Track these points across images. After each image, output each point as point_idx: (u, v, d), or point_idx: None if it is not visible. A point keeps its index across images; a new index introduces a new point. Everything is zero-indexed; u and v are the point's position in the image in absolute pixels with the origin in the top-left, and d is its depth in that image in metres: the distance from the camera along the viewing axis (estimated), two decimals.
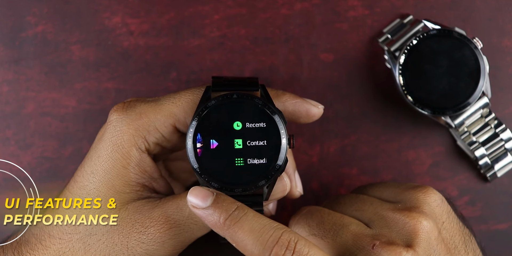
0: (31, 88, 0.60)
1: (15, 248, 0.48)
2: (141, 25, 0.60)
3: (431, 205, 0.47)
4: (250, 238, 0.41)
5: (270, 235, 0.41)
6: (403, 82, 0.56)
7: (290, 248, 0.41)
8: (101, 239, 0.46)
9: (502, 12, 0.59)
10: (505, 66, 0.59)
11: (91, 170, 0.47)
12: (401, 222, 0.45)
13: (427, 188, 0.48)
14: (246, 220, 0.42)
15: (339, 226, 0.46)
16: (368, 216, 0.47)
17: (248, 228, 0.41)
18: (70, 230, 0.47)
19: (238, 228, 0.42)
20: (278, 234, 0.41)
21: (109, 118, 0.47)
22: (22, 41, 0.60)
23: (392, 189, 0.50)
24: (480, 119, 0.57)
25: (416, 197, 0.47)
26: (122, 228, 0.46)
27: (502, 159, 0.58)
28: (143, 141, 0.47)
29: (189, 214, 0.47)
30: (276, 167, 0.45)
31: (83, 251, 0.46)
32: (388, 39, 0.58)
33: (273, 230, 0.41)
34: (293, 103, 0.48)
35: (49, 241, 0.47)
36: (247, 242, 0.41)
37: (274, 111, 0.46)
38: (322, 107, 0.49)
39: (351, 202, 0.49)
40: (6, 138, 0.59)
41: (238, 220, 0.42)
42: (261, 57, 0.59)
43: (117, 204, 0.47)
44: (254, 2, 0.60)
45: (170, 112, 0.47)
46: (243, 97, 0.46)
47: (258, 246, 0.41)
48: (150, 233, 0.46)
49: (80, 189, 0.47)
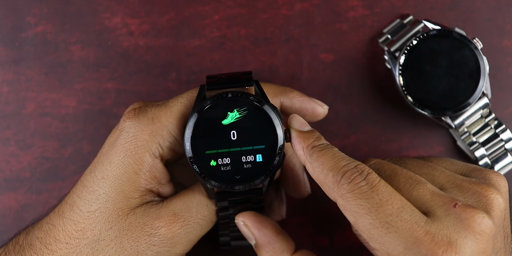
0: (31, 89, 0.60)
1: (18, 252, 0.47)
2: (141, 25, 0.60)
3: (502, 188, 0.46)
4: (330, 163, 0.43)
5: (348, 163, 0.43)
6: (403, 82, 0.56)
7: (363, 175, 0.42)
8: (110, 244, 0.46)
9: (502, 12, 0.59)
10: (505, 66, 0.59)
11: (102, 176, 0.47)
12: (477, 194, 0.44)
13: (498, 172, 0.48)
14: (331, 151, 0.44)
15: (415, 181, 0.44)
16: (441, 182, 0.46)
17: (330, 155, 0.44)
18: (77, 235, 0.46)
19: (322, 154, 0.44)
20: (355, 163, 0.43)
21: (122, 125, 0.47)
22: (22, 41, 0.60)
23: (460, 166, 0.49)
24: (480, 119, 0.57)
25: (490, 177, 0.47)
26: (132, 232, 0.46)
27: (502, 159, 0.58)
28: (157, 146, 0.47)
29: (197, 210, 0.47)
30: (274, 163, 0.46)
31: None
32: (388, 39, 0.58)
33: (351, 160, 0.43)
34: (300, 101, 0.50)
35: (55, 246, 0.46)
36: (325, 166, 0.43)
37: (269, 107, 0.46)
38: (327, 107, 0.51)
39: (419, 165, 0.48)
40: (6, 138, 0.59)
41: (324, 149, 0.44)
42: (261, 58, 0.59)
43: (125, 210, 0.47)
44: (254, 3, 0.60)
45: (181, 114, 0.47)
46: (237, 95, 0.46)
47: (334, 169, 0.43)
48: (161, 234, 0.46)
49: (90, 194, 0.47)
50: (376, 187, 0.41)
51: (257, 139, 0.46)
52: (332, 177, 0.43)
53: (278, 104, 0.50)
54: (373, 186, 0.42)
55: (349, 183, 0.42)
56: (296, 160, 0.52)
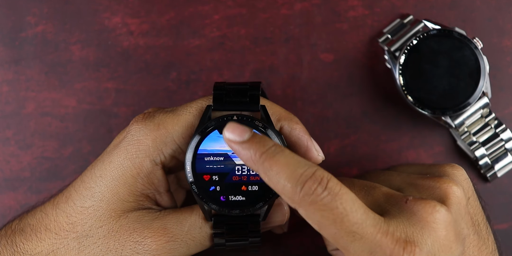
0: (31, 88, 0.60)
1: (9, 236, 0.48)
2: (141, 25, 0.60)
3: (459, 178, 0.47)
4: (285, 172, 0.40)
5: (304, 170, 0.40)
6: (403, 82, 0.56)
7: (323, 184, 0.40)
8: (97, 242, 0.46)
9: (502, 12, 0.59)
10: (505, 66, 0.59)
11: (100, 174, 0.47)
12: (431, 187, 0.45)
13: (453, 164, 0.48)
14: (282, 155, 0.41)
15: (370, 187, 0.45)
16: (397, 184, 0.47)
17: (284, 162, 0.41)
18: (68, 228, 0.47)
19: (274, 161, 0.41)
20: (313, 170, 0.40)
21: (129, 128, 0.47)
22: (22, 41, 0.60)
23: (417, 166, 0.50)
24: (480, 119, 0.57)
25: (444, 169, 0.47)
26: (120, 235, 0.46)
27: (502, 159, 0.58)
28: (159, 153, 0.46)
29: (188, 230, 0.47)
30: (274, 191, 0.45)
31: (77, 251, 0.46)
32: (388, 39, 0.58)
33: (307, 166, 0.41)
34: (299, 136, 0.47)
35: (44, 234, 0.47)
36: (281, 175, 0.40)
37: (273, 132, 0.46)
38: (322, 157, 0.48)
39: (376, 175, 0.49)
40: (6, 138, 0.59)
41: (274, 155, 0.41)
42: (261, 57, 0.59)
43: (118, 212, 0.47)
44: (254, 2, 0.60)
45: (188, 123, 0.47)
46: (243, 119, 0.46)
47: (292, 179, 0.40)
48: (146, 244, 0.46)
49: (86, 190, 0.47)
50: (338, 196, 0.40)
51: None
52: (291, 188, 0.40)
53: (278, 128, 0.48)
54: (335, 195, 0.40)
55: (310, 195, 0.40)
56: None
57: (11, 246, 0.47)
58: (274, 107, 0.48)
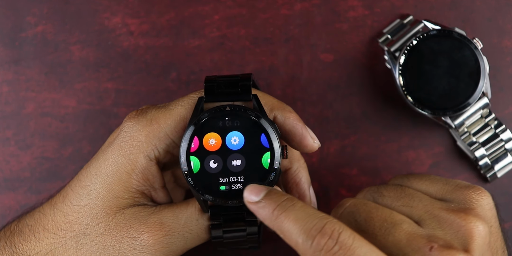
0: (31, 88, 0.60)
1: (8, 238, 0.48)
2: (141, 25, 0.60)
3: (484, 208, 0.45)
4: (295, 227, 0.40)
5: (314, 224, 0.40)
6: (403, 82, 0.56)
7: (334, 237, 0.39)
8: (94, 240, 0.46)
9: (502, 12, 0.59)
10: (505, 66, 0.59)
11: (95, 171, 0.47)
12: (456, 225, 0.44)
13: (480, 189, 0.46)
14: (293, 210, 0.41)
15: (391, 224, 0.44)
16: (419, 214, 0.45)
17: (294, 217, 0.40)
18: (65, 227, 0.47)
19: (285, 217, 0.41)
20: (322, 223, 0.40)
21: (122, 125, 0.47)
22: (22, 41, 0.60)
23: (440, 186, 0.48)
24: (480, 119, 0.57)
25: (470, 198, 0.46)
26: (116, 232, 0.46)
27: (502, 159, 0.58)
28: (153, 148, 0.47)
29: (185, 223, 0.47)
30: (270, 179, 0.45)
31: (75, 249, 0.46)
32: (388, 39, 0.58)
33: (317, 219, 0.40)
34: (293, 124, 0.47)
35: (43, 235, 0.47)
36: (292, 231, 0.40)
37: (266, 121, 0.45)
38: (318, 144, 0.48)
39: (396, 195, 0.47)
40: (6, 138, 0.59)
41: (285, 209, 0.41)
42: (261, 57, 0.59)
43: (114, 209, 0.47)
44: (254, 2, 0.60)
45: (180, 116, 0.47)
46: (235, 110, 0.46)
47: (302, 234, 0.40)
48: (143, 239, 0.46)
49: (82, 188, 0.47)
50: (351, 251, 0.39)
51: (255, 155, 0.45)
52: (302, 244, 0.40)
53: (271, 118, 0.48)
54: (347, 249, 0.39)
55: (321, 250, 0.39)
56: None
57: (10, 247, 0.47)
58: (267, 97, 0.48)
